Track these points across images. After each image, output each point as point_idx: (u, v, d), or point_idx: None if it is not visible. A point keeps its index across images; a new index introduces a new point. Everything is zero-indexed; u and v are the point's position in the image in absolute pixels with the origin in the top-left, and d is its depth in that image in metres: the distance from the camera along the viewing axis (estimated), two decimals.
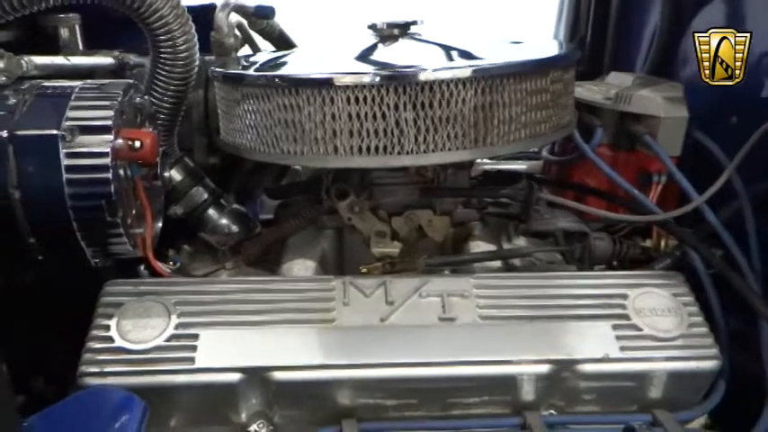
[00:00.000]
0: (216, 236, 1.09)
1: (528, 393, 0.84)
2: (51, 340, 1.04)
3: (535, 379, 0.83)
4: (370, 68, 0.93)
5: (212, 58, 1.18)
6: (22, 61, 0.86)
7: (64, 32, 1.30)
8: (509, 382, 0.83)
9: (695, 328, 0.86)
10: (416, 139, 0.88)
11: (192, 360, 0.80)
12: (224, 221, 1.12)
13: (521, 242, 1.09)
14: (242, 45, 1.30)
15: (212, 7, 1.20)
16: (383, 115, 0.86)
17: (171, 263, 1.03)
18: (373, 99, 0.86)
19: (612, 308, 0.88)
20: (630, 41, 1.47)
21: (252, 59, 1.12)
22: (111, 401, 0.73)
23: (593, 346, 0.84)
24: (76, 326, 0.85)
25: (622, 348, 0.84)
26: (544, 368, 0.83)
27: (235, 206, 1.14)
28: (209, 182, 1.13)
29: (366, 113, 0.86)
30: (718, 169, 1.01)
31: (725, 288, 0.96)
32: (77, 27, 1.31)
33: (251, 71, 0.98)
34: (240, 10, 1.24)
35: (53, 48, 1.27)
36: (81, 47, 1.32)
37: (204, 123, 1.17)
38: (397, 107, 0.86)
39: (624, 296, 0.89)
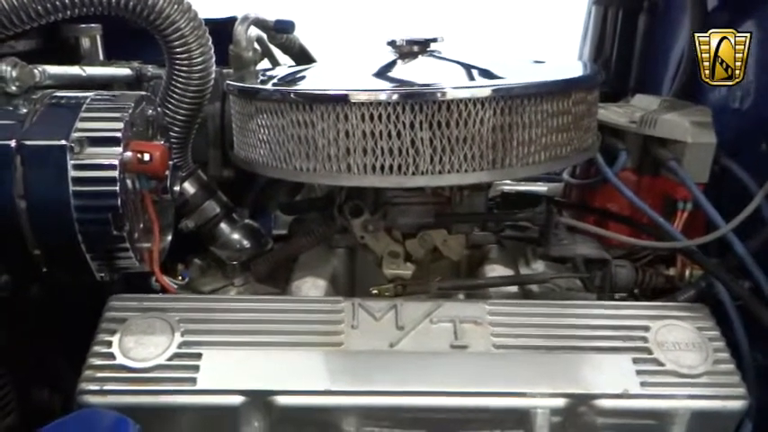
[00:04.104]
0: (227, 251, 1.08)
1: (542, 428, 0.79)
2: (57, 351, 1.03)
3: (550, 413, 0.79)
4: (386, 85, 0.91)
5: (231, 71, 1.17)
6: (36, 71, 0.85)
7: (85, 42, 1.30)
8: (522, 416, 0.79)
9: (721, 365, 0.82)
10: (432, 160, 0.85)
11: (193, 381, 0.78)
12: (235, 236, 1.10)
13: (538, 267, 1.06)
14: (261, 59, 1.30)
15: (233, 20, 1.19)
16: (398, 134, 0.84)
17: (180, 277, 1.02)
18: (388, 117, 0.83)
19: (633, 340, 0.84)
20: (657, 63, 1.43)
21: (269, 73, 1.11)
22: (103, 424, 0.70)
23: (612, 380, 0.80)
24: (83, 336, 0.84)
25: (643, 384, 0.80)
26: (560, 402, 0.79)
27: (247, 221, 1.13)
28: (222, 196, 1.11)
29: (381, 132, 0.84)
30: (747, 197, 0.97)
31: (752, 321, 0.91)
32: (98, 37, 1.31)
33: (267, 86, 0.97)
34: (260, 24, 1.23)
35: (75, 58, 1.28)
36: (102, 57, 1.32)
37: (219, 136, 1.15)
38: (412, 126, 0.84)
39: (646, 328, 0.85)
